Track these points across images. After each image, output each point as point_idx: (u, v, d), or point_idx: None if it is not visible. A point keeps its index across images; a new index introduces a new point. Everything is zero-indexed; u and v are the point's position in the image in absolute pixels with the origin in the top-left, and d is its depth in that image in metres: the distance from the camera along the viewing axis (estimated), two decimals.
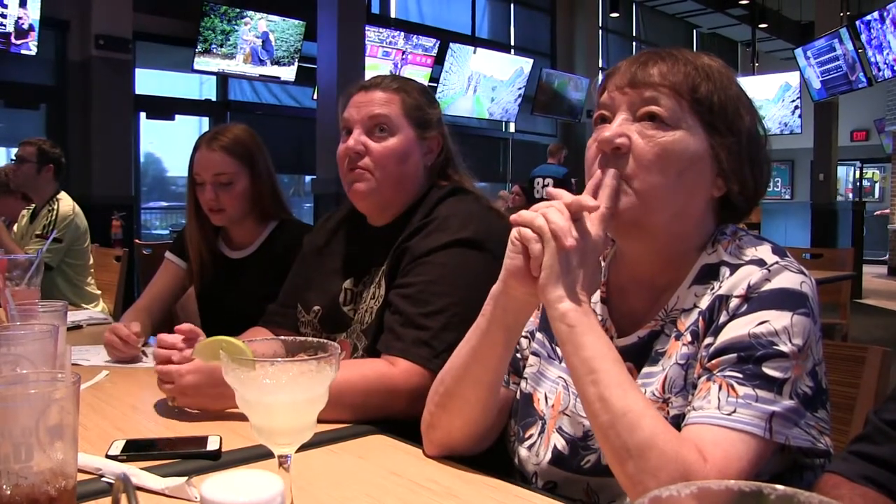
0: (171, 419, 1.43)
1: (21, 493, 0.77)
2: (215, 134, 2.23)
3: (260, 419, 0.85)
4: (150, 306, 2.31)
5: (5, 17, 6.89)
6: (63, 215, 3.98)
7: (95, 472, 1.10)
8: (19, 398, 0.81)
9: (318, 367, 0.84)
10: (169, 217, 9.46)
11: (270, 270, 2.07)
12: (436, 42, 10.23)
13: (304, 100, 9.54)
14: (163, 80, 8.93)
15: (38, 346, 1.06)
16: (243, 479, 0.65)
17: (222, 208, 2.20)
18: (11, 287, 1.68)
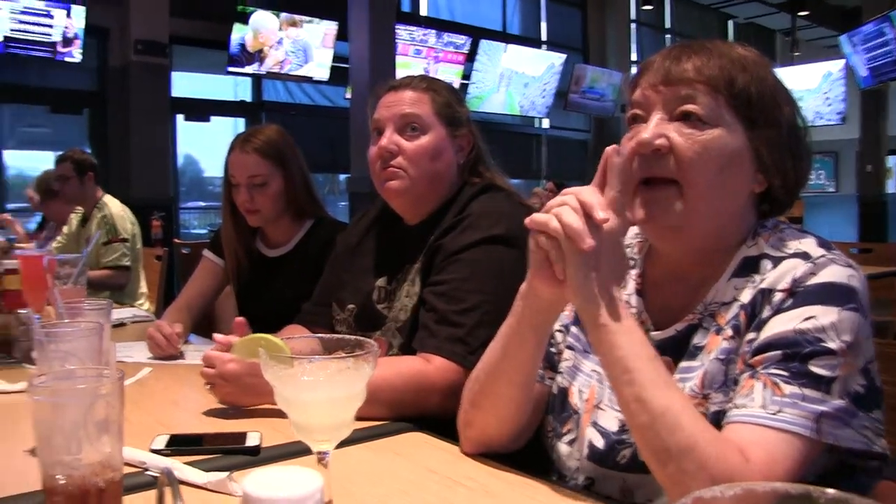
0: (212, 415, 1.46)
1: (73, 483, 0.80)
2: (248, 136, 2.26)
3: (299, 416, 0.87)
4: (190, 304, 2.36)
5: (52, 28, 7.04)
6: (117, 217, 4.06)
7: (140, 466, 1.13)
8: (68, 393, 0.83)
9: (355, 364, 0.86)
10: (207, 216, 9.56)
11: (307, 269, 2.10)
12: (467, 39, 10.22)
13: (337, 99, 9.58)
14: (198, 83, 9.04)
15: (85, 343, 1.09)
16: (284, 475, 0.67)
17: (257, 209, 2.23)
18: (59, 286, 1.72)
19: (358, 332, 1.72)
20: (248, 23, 8.11)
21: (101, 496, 0.81)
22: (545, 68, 11.23)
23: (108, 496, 0.82)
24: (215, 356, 1.48)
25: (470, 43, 10.25)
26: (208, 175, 9.92)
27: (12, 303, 1.96)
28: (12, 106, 8.11)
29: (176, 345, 2.01)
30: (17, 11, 6.95)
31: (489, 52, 10.50)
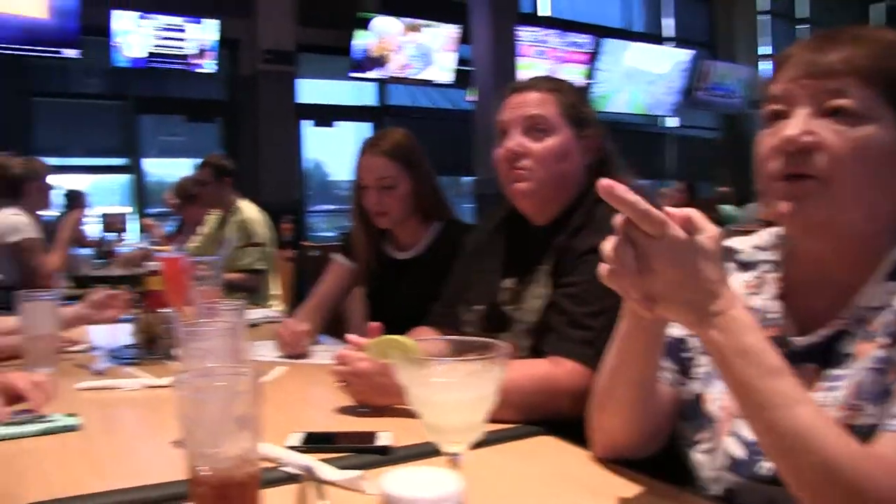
0: (343, 414, 1.49)
1: (215, 475, 0.83)
2: (376, 140, 2.30)
3: (431, 417, 0.88)
4: (320, 306, 2.42)
5: (188, 41, 7.41)
6: (253, 222, 4.20)
7: (275, 462, 1.16)
8: (210, 390, 0.87)
9: (486, 366, 0.85)
10: (334, 219, 9.78)
11: (435, 271, 2.11)
12: (589, 38, 10.10)
13: (460, 101, 9.64)
14: (323, 89, 9.29)
15: (223, 342, 1.13)
16: (423, 476, 0.67)
17: (386, 211, 2.26)
18: (197, 287, 1.80)
19: (486, 333, 1.71)
20: (370, 29, 8.28)
21: (240, 489, 0.84)
22: (671, 65, 10.98)
23: (247, 489, 0.85)
24: (348, 355, 1.51)
25: (593, 42, 10.12)
26: (334, 179, 10.16)
27: (155, 302, 2.06)
28: (153, 116, 8.57)
29: (302, 342, 2.07)
30: (157, 28, 7.35)
31: (612, 51, 10.35)
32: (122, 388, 1.72)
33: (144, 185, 8.46)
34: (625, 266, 0.92)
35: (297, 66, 8.12)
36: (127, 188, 8.52)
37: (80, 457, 1.28)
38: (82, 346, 2.22)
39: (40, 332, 1.90)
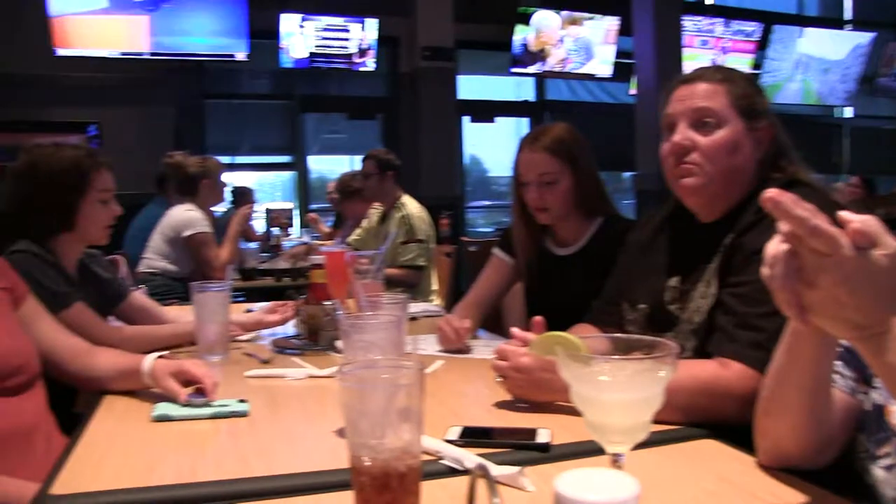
0: (502, 410, 1.48)
1: (377, 465, 0.84)
2: (537, 135, 2.27)
3: (594, 416, 0.85)
4: (479, 301, 2.42)
5: (349, 41, 7.65)
6: (416, 218, 4.27)
7: (435, 455, 1.16)
8: (374, 382, 0.88)
9: (653, 366, 0.82)
10: (492, 215, 9.84)
11: (596, 267, 2.07)
12: (758, 26, 9.65)
13: (620, 95, 9.46)
14: (483, 85, 9.34)
15: (386, 335, 1.15)
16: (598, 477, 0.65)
17: (547, 207, 2.24)
18: (360, 281, 1.84)
19: (649, 332, 1.66)
20: (529, 23, 8.25)
21: (401, 480, 0.85)
22: (848, 51, 10.31)
23: (408, 480, 0.85)
24: (509, 349, 1.50)
25: (762, 30, 9.67)
26: (492, 175, 10.21)
27: (319, 295, 2.12)
28: (316, 115, 8.89)
29: (464, 338, 2.07)
30: (319, 29, 7.62)
31: (783, 38, 9.84)
32: (287, 378, 1.78)
33: (308, 181, 8.78)
34: (786, 275, 0.85)
35: (456, 63, 8.21)
36: (290, 184, 8.88)
37: (247, 441, 1.34)
38: (250, 336, 2.32)
39: (212, 322, 1.99)
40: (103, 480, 1.15)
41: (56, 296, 1.96)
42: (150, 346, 1.97)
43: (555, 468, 1.12)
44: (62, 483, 1.14)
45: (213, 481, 1.14)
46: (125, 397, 1.66)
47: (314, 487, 1.10)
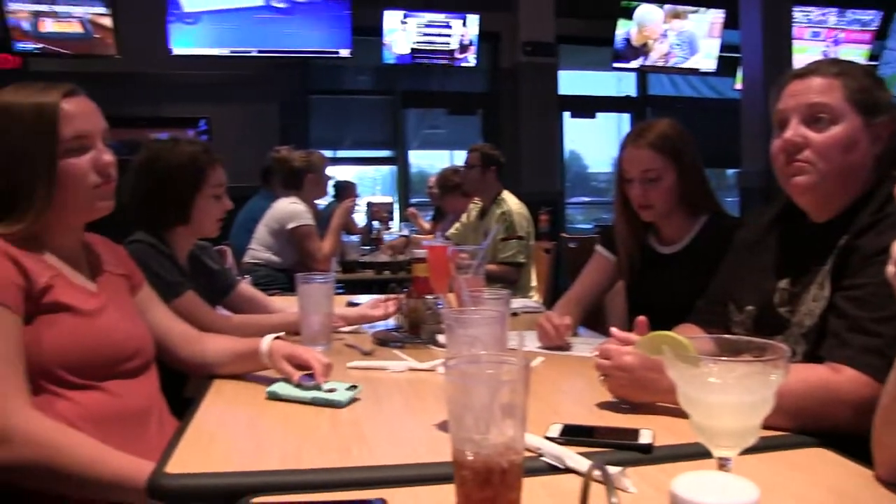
0: (602, 409, 1.47)
1: (479, 460, 0.84)
2: (641, 131, 2.23)
3: (702, 418, 0.84)
4: (581, 298, 2.40)
5: (451, 37, 7.70)
6: (516, 215, 4.26)
7: (536, 451, 1.16)
8: (478, 377, 0.88)
9: (764, 369, 0.80)
10: (591, 211, 9.74)
11: (701, 266, 2.02)
12: (876, 14, 9.21)
13: (725, 90, 9.22)
14: (583, 80, 9.25)
15: (489, 330, 1.15)
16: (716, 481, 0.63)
17: (650, 204, 2.20)
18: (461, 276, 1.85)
19: (756, 335, 1.60)
20: (632, 18, 8.12)
21: (503, 475, 0.85)
22: None
23: (510, 476, 0.86)
24: (612, 348, 1.48)
25: (880, 18, 9.23)
26: (592, 171, 10.11)
27: (421, 288, 2.14)
28: (417, 110, 8.98)
29: (564, 336, 2.06)
30: (421, 25, 7.69)
31: None
32: (388, 370, 1.80)
33: (409, 176, 8.87)
34: None
35: (557, 58, 8.15)
36: (391, 179, 8.99)
37: (349, 430, 1.36)
38: (352, 328, 2.36)
39: (316, 312, 2.04)
40: (212, 462, 1.20)
41: (169, 285, 2.05)
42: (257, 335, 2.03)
43: (657, 470, 1.11)
44: (175, 463, 1.18)
45: (317, 469, 1.16)
46: (233, 382, 1.72)
47: (415, 479, 1.11)
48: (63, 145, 1.48)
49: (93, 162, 1.52)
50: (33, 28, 6.81)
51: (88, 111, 1.54)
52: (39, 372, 1.40)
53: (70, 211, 1.53)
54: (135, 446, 1.41)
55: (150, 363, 1.67)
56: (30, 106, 1.47)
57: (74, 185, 1.50)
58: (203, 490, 1.14)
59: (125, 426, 1.50)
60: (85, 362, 1.47)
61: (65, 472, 1.30)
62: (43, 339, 1.42)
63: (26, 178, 1.46)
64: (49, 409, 1.39)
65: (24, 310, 1.40)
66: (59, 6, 6.82)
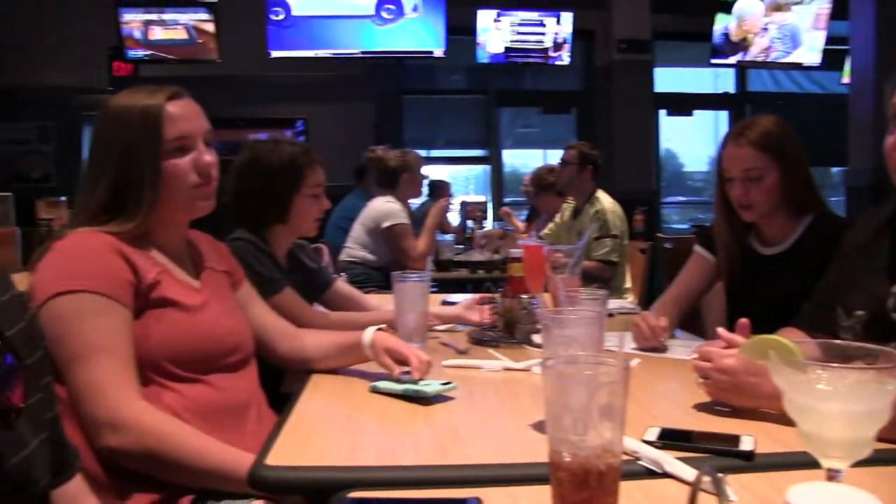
0: (701, 413, 1.43)
1: (576, 462, 0.84)
2: (742, 129, 2.17)
3: (810, 426, 0.81)
4: (678, 299, 2.35)
5: (544, 35, 7.66)
6: (610, 213, 4.22)
7: (633, 455, 1.14)
8: (577, 377, 0.87)
9: (878, 377, 0.77)
10: (687, 211, 9.55)
11: (806, 268, 1.95)
12: None
13: (830, 85, 8.89)
14: (680, 77, 9.07)
15: (586, 330, 1.14)
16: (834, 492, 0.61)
17: (752, 203, 2.13)
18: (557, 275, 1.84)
19: (866, 341, 1.54)
20: (731, 12, 7.90)
21: (600, 478, 0.84)
22: None
23: (607, 479, 0.84)
24: (713, 350, 1.44)
25: None
26: (688, 170, 9.91)
27: (516, 288, 2.14)
28: (510, 109, 8.96)
29: (660, 337, 2.03)
30: (515, 24, 7.67)
31: None
32: (483, 369, 1.80)
33: (502, 175, 8.86)
34: None
35: (653, 55, 8.02)
36: (484, 178, 8.99)
37: (444, 428, 1.37)
38: (447, 326, 2.37)
39: (411, 311, 2.06)
40: (310, 455, 1.22)
41: (269, 281, 2.11)
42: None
43: (759, 478, 1.08)
44: (274, 455, 1.21)
45: (413, 465, 1.18)
46: (330, 377, 1.76)
47: (511, 479, 1.10)
48: (166, 146, 1.54)
49: (193, 162, 1.57)
50: (143, 36, 7.11)
51: (191, 113, 1.59)
52: (148, 364, 1.46)
53: (173, 210, 1.59)
54: (234, 438, 1.45)
55: (250, 358, 1.71)
56: (137, 109, 1.54)
57: (176, 185, 1.55)
58: (301, 483, 1.16)
59: (226, 418, 1.54)
60: (189, 355, 1.52)
61: (172, 461, 1.35)
62: (151, 333, 1.48)
63: (135, 179, 1.52)
64: (157, 400, 1.44)
65: (134, 305, 1.46)
66: (167, 14, 7.09)
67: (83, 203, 1.56)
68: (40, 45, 7.36)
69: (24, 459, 0.81)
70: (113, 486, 1.38)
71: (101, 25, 7.13)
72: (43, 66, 7.52)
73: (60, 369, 1.36)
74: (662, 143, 8.96)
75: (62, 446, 0.99)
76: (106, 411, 1.35)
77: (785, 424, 0.83)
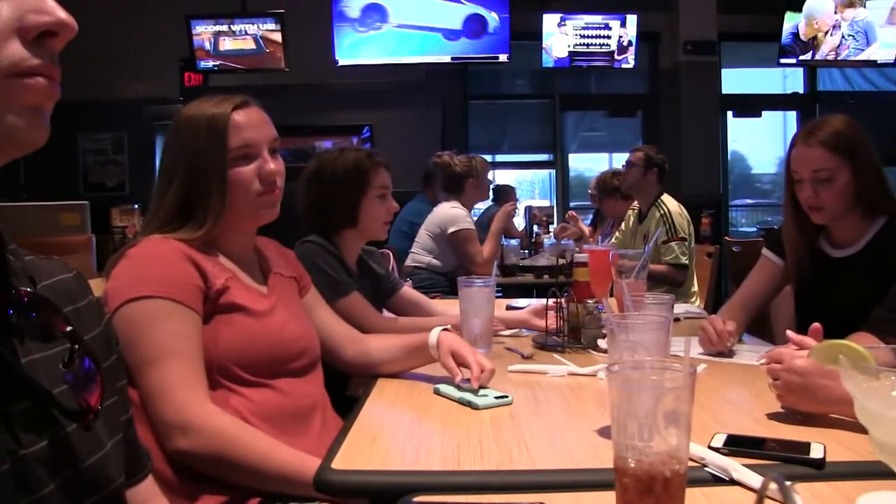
0: (770, 420, 1.41)
1: (642, 468, 0.84)
2: (812, 129, 2.13)
3: (884, 435, 0.79)
4: (746, 303, 2.32)
5: (609, 38, 7.60)
6: (676, 216, 4.16)
7: (699, 461, 1.13)
8: (643, 382, 0.87)
9: None
10: (755, 214, 9.37)
11: (878, 271, 1.90)
12: None
13: None
14: (748, 78, 8.91)
15: (652, 336, 1.14)
16: None
17: (821, 205, 2.09)
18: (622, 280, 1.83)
19: None
20: (801, 10, 7.71)
21: (666, 485, 0.84)
22: None
23: (673, 486, 0.84)
24: (785, 351, 1.42)
25: None
26: (756, 172, 9.71)
27: (581, 293, 2.13)
28: (575, 113, 8.92)
29: (727, 342, 2.00)
30: (579, 28, 7.62)
31: None
32: (548, 374, 1.80)
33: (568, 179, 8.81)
34: None
35: (719, 56, 7.89)
36: (549, 182, 8.96)
37: (510, 433, 1.37)
38: (512, 332, 2.38)
39: (477, 315, 2.07)
40: (375, 460, 1.24)
41: (337, 283, 2.15)
42: None
43: (830, 488, 1.06)
44: (340, 459, 1.23)
45: (477, 471, 1.18)
46: (395, 382, 1.78)
47: (575, 485, 1.11)
48: (231, 154, 1.58)
49: (257, 170, 1.61)
50: (213, 47, 7.27)
51: (256, 122, 1.63)
52: (217, 368, 1.50)
53: (239, 217, 1.62)
54: (300, 442, 1.48)
55: (316, 363, 1.74)
56: (205, 118, 1.59)
57: (241, 193, 1.59)
58: (366, 487, 1.18)
59: (292, 423, 1.57)
60: (257, 360, 1.56)
61: (240, 464, 1.38)
62: (220, 337, 1.51)
63: (203, 187, 1.56)
64: (224, 404, 1.48)
65: (204, 310, 1.50)
66: (236, 25, 7.25)
67: (154, 210, 1.61)
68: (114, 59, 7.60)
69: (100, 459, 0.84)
70: (182, 488, 1.41)
71: (172, 38, 7.33)
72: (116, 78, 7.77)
73: (132, 373, 1.40)
74: (730, 146, 8.79)
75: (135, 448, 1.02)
76: (176, 414, 1.39)
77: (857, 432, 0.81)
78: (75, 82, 2.02)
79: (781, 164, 7.49)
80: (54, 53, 0.70)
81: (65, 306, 0.86)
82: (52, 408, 0.77)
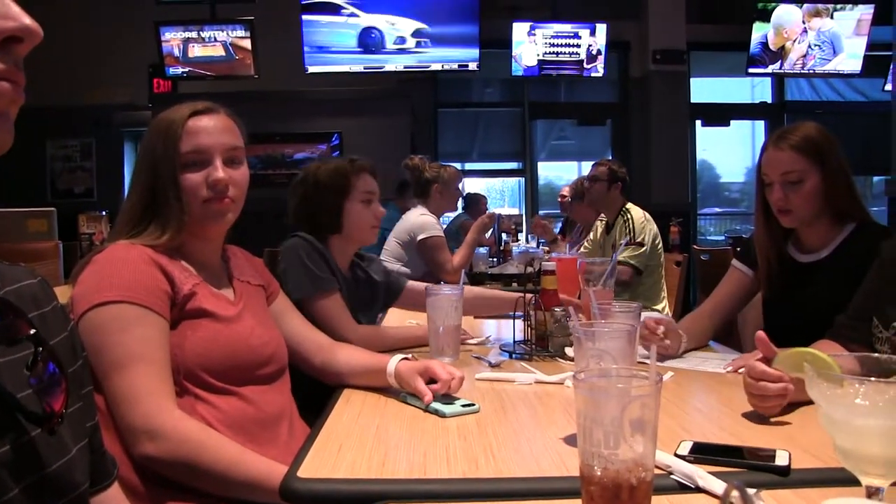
0: (735, 427, 1.41)
1: (608, 476, 0.83)
2: (783, 133, 2.15)
3: (847, 442, 0.79)
4: (713, 313, 2.33)
5: (579, 47, 7.64)
6: (638, 221, 4.21)
7: (665, 469, 1.13)
8: (609, 390, 0.87)
9: None
10: (723, 223, 9.47)
11: (843, 277, 1.91)
12: None
13: (872, 93, 8.75)
14: (716, 87, 9.01)
15: (619, 344, 1.13)
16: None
17: (791, 209, 2.11)
18: (590, 288, 1.83)
19: None
20: (769, 20, 7.81)
21: (632, 492, 0.83)
22: None
23: (639, 494, 0.84)
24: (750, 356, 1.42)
25: None
26: (724, 181, 9.82)
27: (549, 301, 2.13)
28: (545, 121, 8.96)
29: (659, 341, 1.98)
30: (549, 36, 7.67)
31: None
32: (515, 382, 1.79)
33: (537, 187, 8.85)
34: None
35: (688, 65, 7.97)
36: (518, 190, 8.99)
37: (476, 442, 1.36)
38: (479, 339, 2.37)
39: (444, 324, 2.05)
40: (342, 468, 1.22)
41: (319, 279, 2.15)
42: (382, 346, 2.09)
43: (795, 494, 1.06)
44: (306, 468, 1.22)
45: (444, 479, 1.17)
46: (362, 391, 1.76)
47: (542, 493, 1.10)
48: (182, 158, 1.57)
49: (205, 177, 1.59)
50: (183, 54, 7.23)
51: (212, 129, 1.61)
52: (184, 374, 1.48)
53: (195, 223, 1.61)
54: (266, 450, 1.46)
55: (283, 370, 1.73)
56: (165, 122, 1.58)
57: (190, 199, 1.58)
58: (333, 495, 1.16)
59: (259, 430, 1.56)
60: (224, 365, 1.54)
61: (207, 470, 1.36)
62: (186, 342, 1.50)
63: (160, 190, 1.56)
64: (191, 411, 1.46)
65: (171, 315, 1.49)
66: (206, 31, 7.21)
67: (121, 213, 1.60)
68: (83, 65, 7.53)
69: (65, 464, 0.83)
70: (149, 495, 1.39)
71: (141, 44, 7.29)
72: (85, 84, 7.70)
73: (99, 378, 1.38)
74: (698, 154, 8.89)
75: (101, 455, 1.01)
76: (143, 419, 1.37)
77: (822, 439, 0.81)
78: (44, 88, 1.99)
79: (750, 173, 7.58)
80: (19, 59, 0.69)
81: (30, 311, 0.86)
82: (16, 412, 0.76)
